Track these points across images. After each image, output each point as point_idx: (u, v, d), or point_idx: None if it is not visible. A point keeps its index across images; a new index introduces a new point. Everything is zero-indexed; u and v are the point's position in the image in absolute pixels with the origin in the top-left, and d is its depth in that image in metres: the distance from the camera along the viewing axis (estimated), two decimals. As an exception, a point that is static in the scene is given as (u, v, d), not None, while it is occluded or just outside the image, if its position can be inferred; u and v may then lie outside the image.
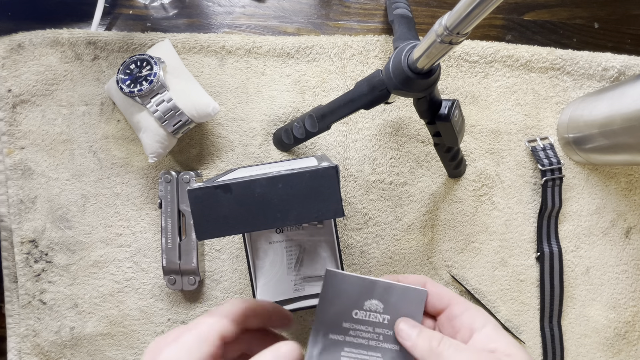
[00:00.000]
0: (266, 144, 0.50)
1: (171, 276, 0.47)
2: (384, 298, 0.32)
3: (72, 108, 0.48)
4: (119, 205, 0.49)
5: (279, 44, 0.50)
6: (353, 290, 0.32)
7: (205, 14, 0.52)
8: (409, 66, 0.33)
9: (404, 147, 0.51)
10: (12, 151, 0.48)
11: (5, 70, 0.47)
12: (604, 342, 0.52)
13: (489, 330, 0.29)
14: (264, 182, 0.27)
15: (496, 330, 0.29)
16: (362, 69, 0.51)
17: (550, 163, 0.51)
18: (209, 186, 0.27)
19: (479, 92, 0.52)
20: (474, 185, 0.51)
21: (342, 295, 0.32)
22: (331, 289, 0.32)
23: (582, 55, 0.52)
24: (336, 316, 0.32)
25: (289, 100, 0.50)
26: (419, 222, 0.51)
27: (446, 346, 0.28)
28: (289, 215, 0.27)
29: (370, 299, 0.32)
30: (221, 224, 0.27)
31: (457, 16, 0.26)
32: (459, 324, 0.30)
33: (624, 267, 0.53)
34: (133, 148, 0.49)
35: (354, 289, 0.32)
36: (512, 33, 0.54)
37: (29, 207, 0.48)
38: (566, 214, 0.52)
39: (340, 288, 0.32)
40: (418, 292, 0.32)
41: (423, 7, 0.54)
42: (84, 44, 0.48)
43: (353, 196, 0.50)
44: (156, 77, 0.44)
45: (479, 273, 0.51)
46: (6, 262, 0.49)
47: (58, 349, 0.48)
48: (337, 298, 0.32)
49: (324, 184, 0.27)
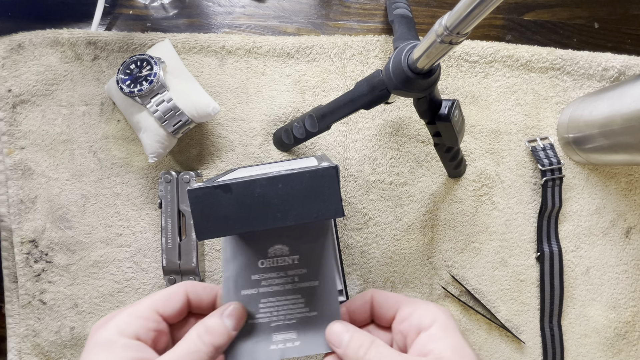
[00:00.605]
0: (266, 144, 0.50)
1: (171, 276, 0.47)
2: (287, 241, 0.30)
3: (72, 108, 0.48)
4: (119, 205, 0.49)
5: (279, 44, 0.50)
6: (252, 241, 0.31)
7: (205, 14, 0.52)
8: (409, 66, 0.33)
9: (404, 147, 0.51)
10: (12, 151, 0.48)
11: (5, 70, 0.47)
12: (604, 342, 0.52)
13: (434, 329, 0.26)
14: (264, 182, 0.27)
15: (443, 329, 0.26)
16: (362, 69, 0.51)
17: (550, 163, 0.51)
18: (209, 186, 0.27)
19: (479, 92, 0.52)
20: (474, 185, 0.51)
21: (243, 249, 0.31)
22: (230, 248, 0.31)
23: (582, 55, 0.52)
24: (243, 271, 0.30)
25: (289, 100, 0.50)
26: (419, 222, 0.51)
27: (372, 354, 0.25)
28: (289, 215, 0.27)
29: (273, 245, 0.31)
30: (221, 224, 0.27)
31: (457, 16, 0.26)
32: (407, 327, 0.27)
33: (624, 267, 0.53)
34: (133, 148, 0.49)
35: (253, 240, 0.31)
36: (512, 33, 0.54)
37: (29, 207, 0.48)
38: (566, 214, 0.52)
39: (238, 243, 0.31)
40: (320, 225, 0.30)
41: (423, 7, 0.54)
42: (84, 44, 0.48)
43: (353, 196, 0.50)
44: (156, 77, 0.44)
45: (479, 273, 0.51)
46: (6, 262, 0.49)
47: (58, 349, 0.48)
48: (239, 254, 0.31)
49: (324, 184, 0.27)
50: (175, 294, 0.28)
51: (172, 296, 0.28)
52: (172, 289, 0.29)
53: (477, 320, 0.51)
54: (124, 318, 0.26)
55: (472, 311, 0.51)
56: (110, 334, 0.25)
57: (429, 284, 0.51)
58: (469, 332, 0.51)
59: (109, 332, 0.25)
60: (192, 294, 0.29)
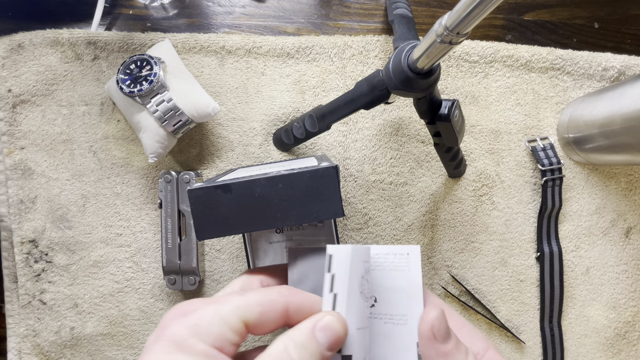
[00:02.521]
0: (266, 144, 0.50)
1: (171, 276, 0.47)
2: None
3: (72, 108, 0.48)
4: (119, 205, 0.49)
5: (279, 44, 0.50)
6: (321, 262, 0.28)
7: (205, 14, 0.52)
8: (409, 66, 0.33)
9: (404, 147, 0.51)
10: (12, 151, 0.48)
11: (5, 70, 0.47)
12: (604, 342, 0.52)
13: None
14: (264, 182, 0.27)
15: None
16: (362, 69, 0.51)
17: (550, 163, 0.51)
18: (209, 186, 0.27)
19: (479, 92, 0.52)
20: (474, 185, 0.51)
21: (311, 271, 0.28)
22: (297, 269, 0.28)
23: (582, 55, 0.52)
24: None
25: (289, 100, 0.50)
26: (419, 222, 0.51)
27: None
28: (289, 215, 0.27)
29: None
30: (221, 224, 0.27)
31: (457, 16, 0.26)
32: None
33: (624, 267, 0.53)
34: (133, 148, 0.49)
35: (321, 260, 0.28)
36: (512, 33, 0.54)
37: (29, 207, 0.48)
38: (566, 214, 0.52)
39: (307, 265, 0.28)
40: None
41: (423, 7, 0.54)
42: (84, 44, 0.48)
43: (353, 196, 0.50)
44: (156, 77, 0.44)
45: (479, 273, 0.51)
46: (6, 262, 0.49)
47: (58, 349, 0.48)
48: (306, 277, 0.28)
49: (324, 184, 0.27)
50: (273, 306, 0.23)
51: (269, 310, 0.22)
52: (270, 295, 0.23)
53: (477, 320, 0.51)
54: (206, 317, 0.21)
55: (472, 311, 0.51)
56: (188, 333, 0.20)
57: (429, 284, 0.51)
58: (469, 332, 0.51)
59: (186, 330, 0.21)
60: (294, 310, 0.23)
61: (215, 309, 0.21)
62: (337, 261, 0.24)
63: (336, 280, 0.23)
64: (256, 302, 0.22)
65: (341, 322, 0.22)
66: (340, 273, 0.23)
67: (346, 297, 0.23)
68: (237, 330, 0.21)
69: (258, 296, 0.23)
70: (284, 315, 0.23)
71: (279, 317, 0.23)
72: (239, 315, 0.21)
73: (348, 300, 0.23)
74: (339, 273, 0.23)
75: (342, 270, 0.23)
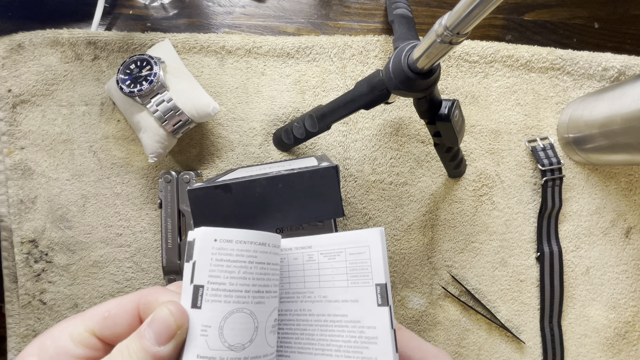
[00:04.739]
0: (266, 144, 0.50)
1: (171, 276, 0.47)
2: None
3: (72, 108, 0.48)
4: (119, 205, 0.49)
5: (279, 44, 0.50)
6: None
7: (205, 14, 0.52)
8: (409, 66, 0.33)
9: (404, 147, 0.51)
10: (12, 151, 0.48)
11: (5, 70, 0.47)
12: (604, 342, 0.52)
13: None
14: (264, 182, 0.27)
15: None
16: (362, 69, 0.51)
17: (550, 163, 0.51)
18: (209, 186, 0.27)
19: (479, 92, 0.52)
20: (474, 185, 0.51)
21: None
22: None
23: (582, 55, 0.52)
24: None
25: (289, 100, 0.50)
26: (419, 222, 0.51)
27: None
28: (289, 215, 0.27)
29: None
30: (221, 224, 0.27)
31: (457, 16, 0.26)
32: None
33: (624, 267, 0.53)
34: (133, 148, 0.49)
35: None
36: (512, 33, 0.54)
37: (29, 207, 0.48)
38: (566, 214, 0.52)
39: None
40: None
41: (423, 7, 0.54)
42: (84, 44, 0.48)
43: (353, 196, 0.50)
44: (156, 77, 0.44)
45: (479, 273, 0.51)
46: (6, 262, 0.49)
47: (58, 349, 0.48)
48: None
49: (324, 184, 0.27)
50: (121, 308, 0.21)
51: (116, 314, 0.21)
52: (126, 297, 0.22)
53: (477, 320, 0.51)
54: (55, 334, 0.20)
55: (472, 311, 0.51)
56: (32, 353, 0.20)
57: (429, 284, 0.51)
58: (469, 332, 0.51)
59: (33, 349, 0.20)
60: (142, 308, 0.21)
61: (67, 324, 0.21)
62: (199, 247, 0.20)
63: (197, 270, 0.20)
64: (105, 307, 0.21)
65: (173, 312, 0.20)
66: (201, 261, 0.20)
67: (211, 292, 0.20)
68: (82, 342, 0.20)
69: (114, 301, 0.21)
70: (136, 315, 0.21)
71: (131, 319, 0.21)
72: (85, 326, 0.21)
73: (216, 298, 0.20)
74: (200, 261, 0.20)
75: (204, 259, 0.20)
